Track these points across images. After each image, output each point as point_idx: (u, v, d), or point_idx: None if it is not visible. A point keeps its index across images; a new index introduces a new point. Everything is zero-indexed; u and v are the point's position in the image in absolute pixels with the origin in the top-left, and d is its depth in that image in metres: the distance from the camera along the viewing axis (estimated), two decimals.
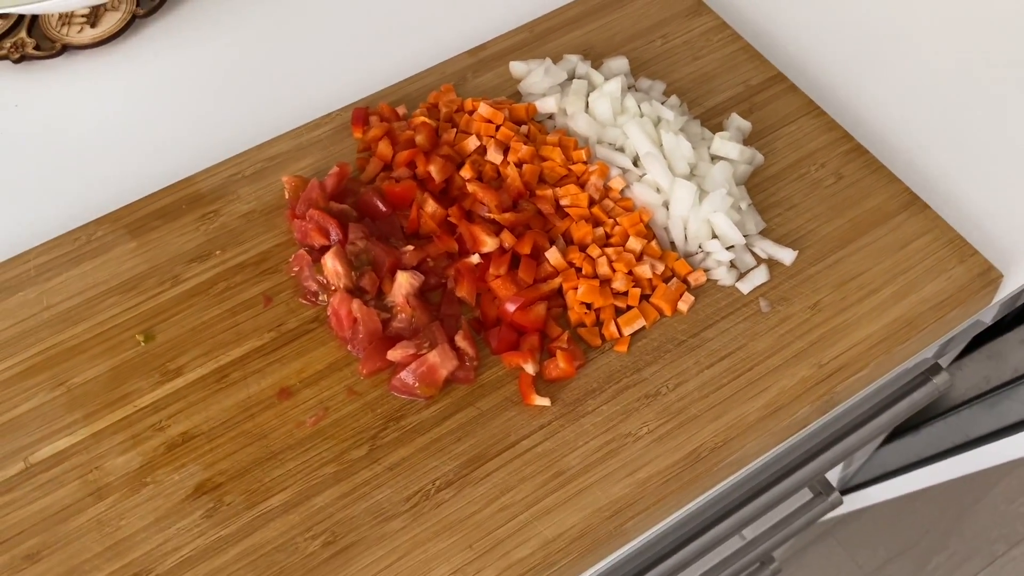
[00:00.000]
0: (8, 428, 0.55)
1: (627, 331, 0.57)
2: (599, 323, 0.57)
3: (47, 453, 0.54)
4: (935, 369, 0.69)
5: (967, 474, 1.15)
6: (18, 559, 0.50)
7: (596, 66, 0.68)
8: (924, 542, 1.50)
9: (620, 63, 0.68)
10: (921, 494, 1.53)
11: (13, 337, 0.58)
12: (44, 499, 0.52)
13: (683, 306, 0.57)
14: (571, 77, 0.68)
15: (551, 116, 0.66)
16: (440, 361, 0.54)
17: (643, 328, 0.57)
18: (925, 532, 1.51)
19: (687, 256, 0.60)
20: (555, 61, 0.69)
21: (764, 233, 0.61)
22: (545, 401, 0.54)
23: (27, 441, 0.54)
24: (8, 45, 0.73)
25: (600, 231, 0.59)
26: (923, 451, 1.16)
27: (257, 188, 0.64)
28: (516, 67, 0.68)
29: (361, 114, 0.66)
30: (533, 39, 0.71)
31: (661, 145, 0.61)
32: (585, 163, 0.61)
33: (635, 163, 0.62)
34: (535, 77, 0.66)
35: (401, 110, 0.67)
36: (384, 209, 0.61)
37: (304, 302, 0.59)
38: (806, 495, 0.91)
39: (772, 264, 0.60)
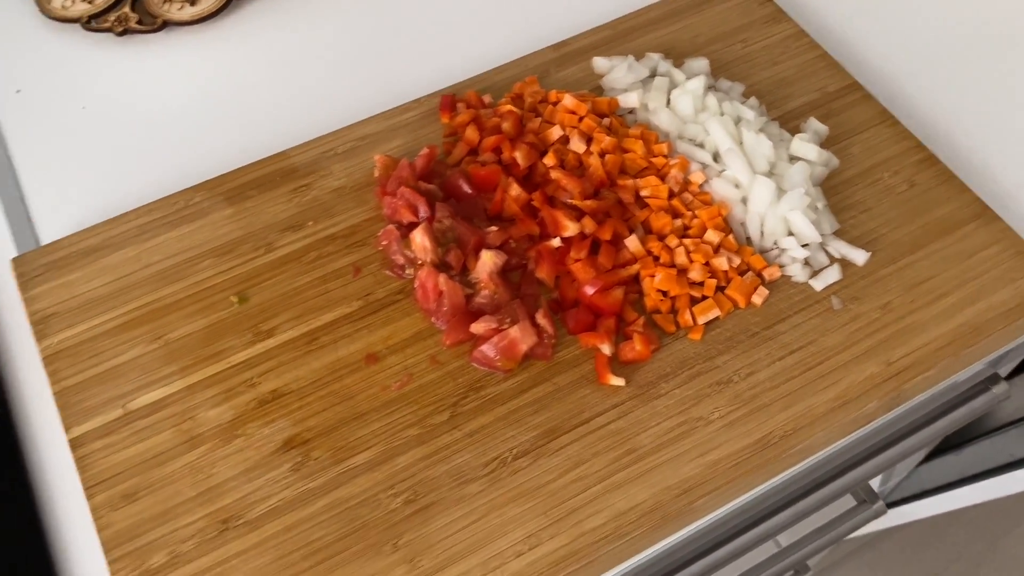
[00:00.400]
0: (108, 376, 0.58)
1: (702, 320, 0.58)
2: (674, 311, 0.59)
3: (144, 401, 0.57)
4: (994, 379, 0.70)
5: (1004, 498, 1.14)
6: (116, 498, 0.53)
7: (677, 65, 0.71)
8: (954, 567, 1.49)
9: (701, 63, 0.70)
10: (954, 519, 1.53)
11: (115, 291, 0.61)
12: (141, 444, 0.55)
13: (757, 299, 0.59)
14: (652, 74, 0.70)
15: (632, 111, 0.68)
16: (521, 336, 0.56)
17: (717, 318, 0.59)
18: (956, 557, 1.50)
19: (761, 252, 0.62)
20: (637, 59, 0.71)
21: (837, 234, 0.63)
22: (620, 381, 0.56)
23: (126, 389, 0.57)
24: (112, 19, 0.77)
25: (679, 222, 0.61)
26: (965, 470, 1.16)
27: (348, 165, 0.67)
28: (599, 63, 0.71)
29: (449, 100, 0.69)
30: (615, 37, 0.74)
31: (741, 143, 0.63)
32: (666, 157, 0.63)
33: (714, 159, 0.64)
34: (618, 73, 0.69)
35: (487, 98, 0.69)
36: (469, 191, 0.64)
37: (390, 274, 0.61)
38: (849, 502, 0.92)
39: (844, 264, 0.61)
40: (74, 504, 0.54)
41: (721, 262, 0.59)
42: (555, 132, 0.65)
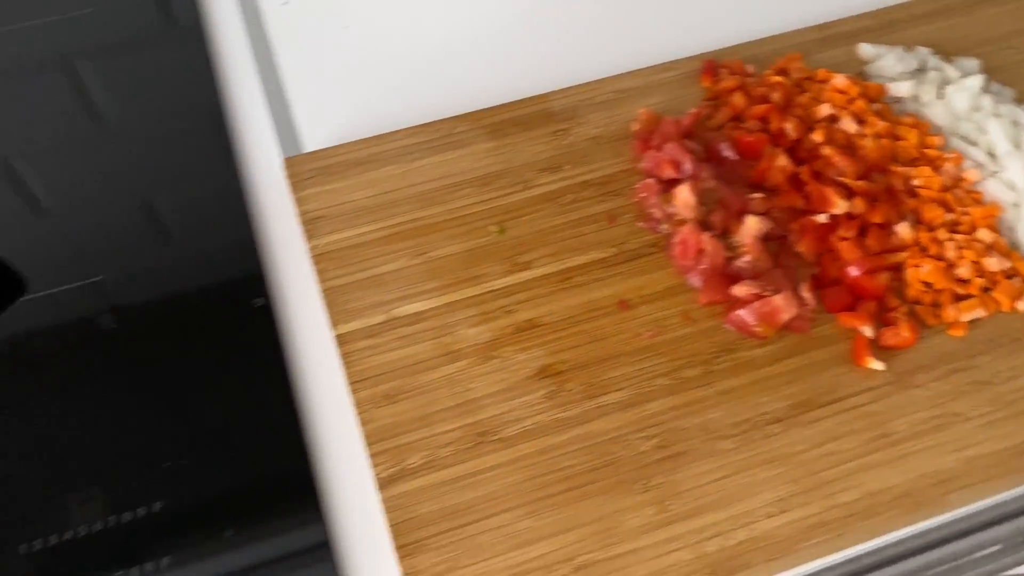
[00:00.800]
0: (373, 283, 0.60)
1: (966, 317, 0.57)
2: (936, 304, 0.58)
3: (407, 311, 0.59)
4: None
5: None
6: (378, 396, 0.55)
7: (946, 63, 0.69)
8: None
9: (972, 63, 0.68)
10: None
11: (380, 204, 0.63)
12: (403, 350, 0.57)
13: (1022, 305, 0.58)
14: (920, 68, 0.68)
15: (898, 100, 0.67)
16: (784, 305, 0.57)
17: (980, 318, 0.58)
18: None
19: None
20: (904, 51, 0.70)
21: None
22: (880, 365, 0.56)
23: (390, 297, 0.59)
24: None
25: (949, 217, 0.60)
26: None
27: (605, 116, 0.68)
28: (866, 49, 0.70)
29: (711, 65, 0.69)
30: (880, 26, 0.73)
31: (1019, 147, 0.62)
32: (939, 149, 0.62)
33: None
34: (887, 61, 0.68)
35: (749, 68, 0.69)
36: (731, 156, 0.64)
37: (644, 227, 0.62)
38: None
39: None
40: (332, 398, 0.57)
41: (991, 262, 0.58)
42: (824, 109, 0.64)
